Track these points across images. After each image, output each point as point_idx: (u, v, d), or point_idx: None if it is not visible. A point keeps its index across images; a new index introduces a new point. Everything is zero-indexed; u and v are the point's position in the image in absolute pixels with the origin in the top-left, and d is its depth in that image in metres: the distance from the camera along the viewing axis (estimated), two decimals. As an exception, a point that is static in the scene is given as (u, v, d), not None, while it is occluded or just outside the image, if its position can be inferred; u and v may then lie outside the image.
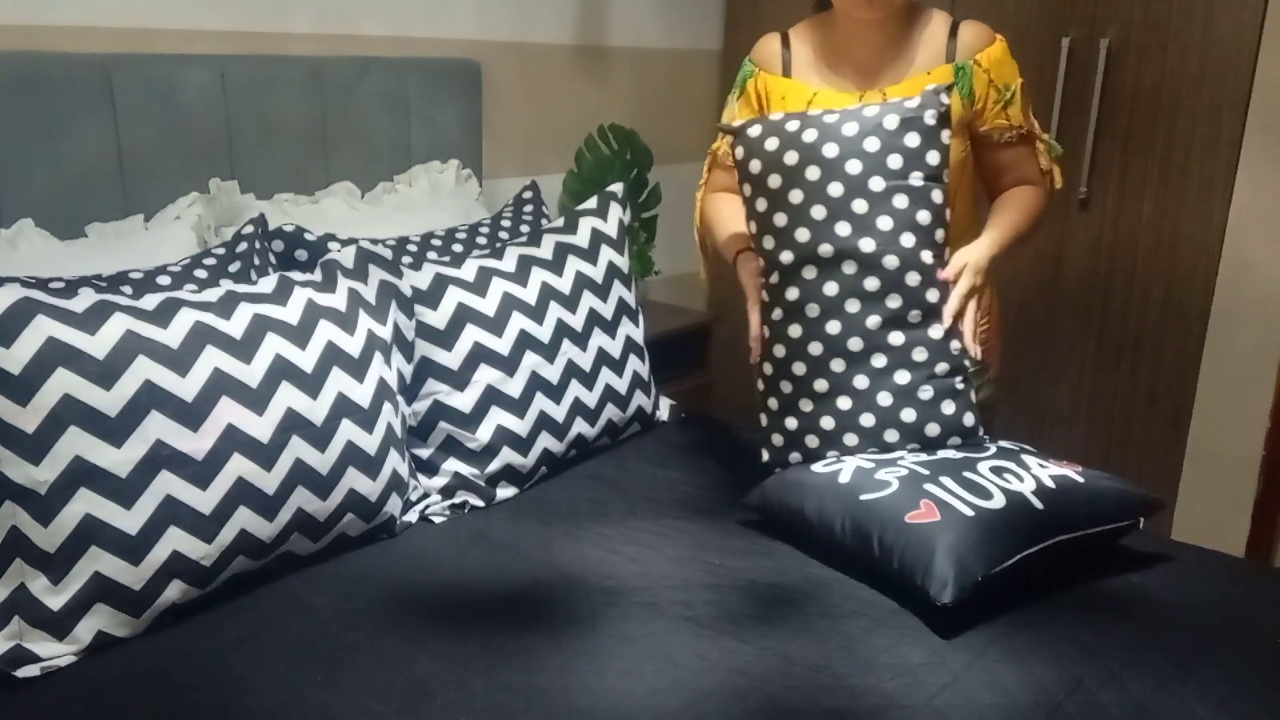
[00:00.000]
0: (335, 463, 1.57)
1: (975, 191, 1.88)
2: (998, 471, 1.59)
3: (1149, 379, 2.66)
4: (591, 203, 2.14)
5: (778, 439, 1.76)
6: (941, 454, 1.67)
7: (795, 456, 1.75)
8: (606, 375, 2.01)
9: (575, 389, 1.94)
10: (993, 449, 1.69)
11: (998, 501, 1.52)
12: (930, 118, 1.65)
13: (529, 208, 2.34)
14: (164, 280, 1.72)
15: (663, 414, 2.22)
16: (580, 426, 1.96)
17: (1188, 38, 2.47)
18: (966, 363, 1.70)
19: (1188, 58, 2.48)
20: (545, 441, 1.89)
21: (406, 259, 1.97)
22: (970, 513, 1.49)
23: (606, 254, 2.07)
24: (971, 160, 1.83)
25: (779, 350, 1.72)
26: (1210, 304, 2.54)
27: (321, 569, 1.58)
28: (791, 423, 1.74)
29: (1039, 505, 1.53)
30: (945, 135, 1.66)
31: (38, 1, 1.86)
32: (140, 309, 1.45)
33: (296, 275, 1.68)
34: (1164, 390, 2.64)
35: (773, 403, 1.75)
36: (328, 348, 1.60)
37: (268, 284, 1.63)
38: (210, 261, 1.81)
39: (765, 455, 1.79)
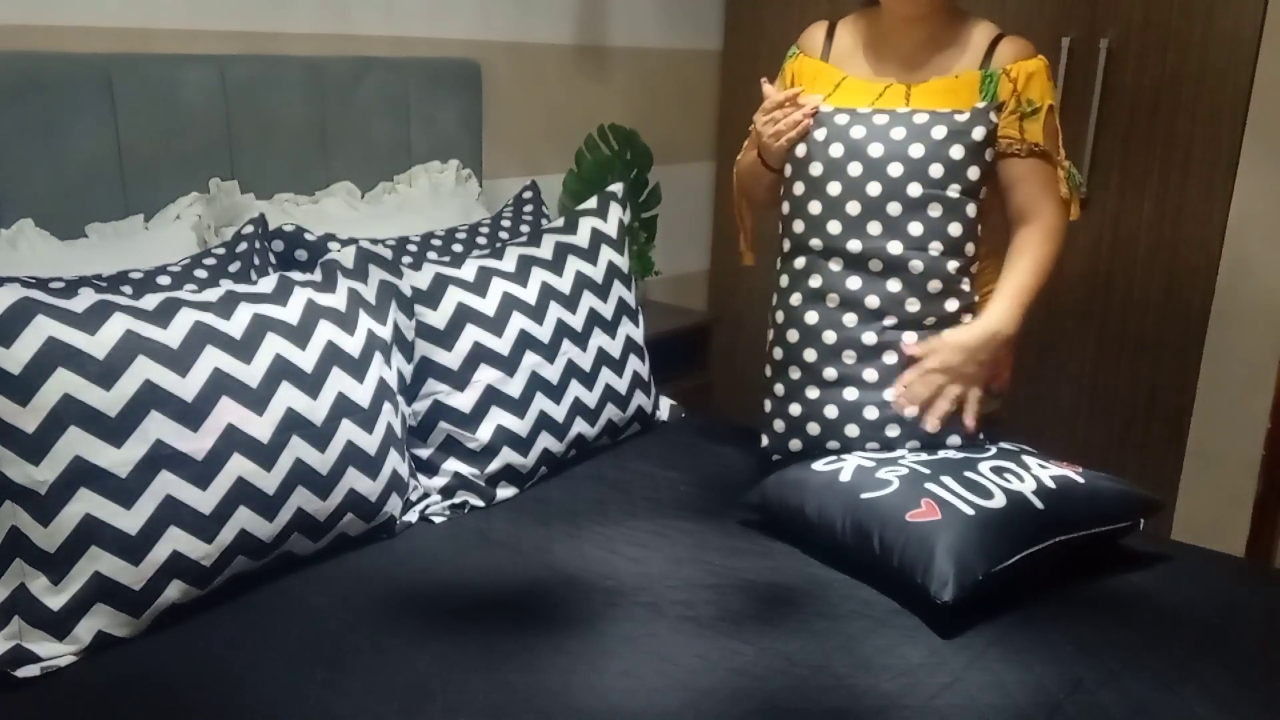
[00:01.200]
0: (335, 463, 1.57)
1: (992, 221, 1.85)
2: (998, 471, 1.59)
3: (1149, 379, 2.66)
4: (591, 203, 2.15)
5: (779, 424, 1.79)
6: (942, 453, 1.67)
7: (795, 444, 1.77)
8: (606, 375, 2.01)
9: (575, 389, 1.94)
10: (993, 449, 1.69)
11: (998, 501, 1.52)
12: (978, 134, 1.68)
13: (529, 208, 2.34)
14: (164, 280, 1.72)
15: (663, 414, 2.22)
16: (580, 426, 1.96)
17: (1188, 38, 2.47)
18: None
19: (1188, 58, 2.48)
20: (545, 441, 1.89)
21: (406, 259, 1.97)
22: (971, 512, 1.49)
23: (606, 254, 2.07)
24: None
25: (792, 335, 1.75)
26: (1210, 304, 2.54)
27: (321, 569, 1.58)
28: (795, 409, 1.76)
29: (1039, 505, 1.53)
30: (989, 154, 1.69)
31: (38, 1, 1.86)
32: (140, 309, 1.45)
33: (296, 275, 1.68)
34: (1164, 390, 2.64)
35: (779, 388, 1.78)
36: (328, 348, 1.60)
37: (268, 284, 1.63)
38: (210, 261, 1.81)
39: (765, 440, 1.81)
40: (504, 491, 1.85)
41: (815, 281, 1.73)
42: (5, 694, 1.28)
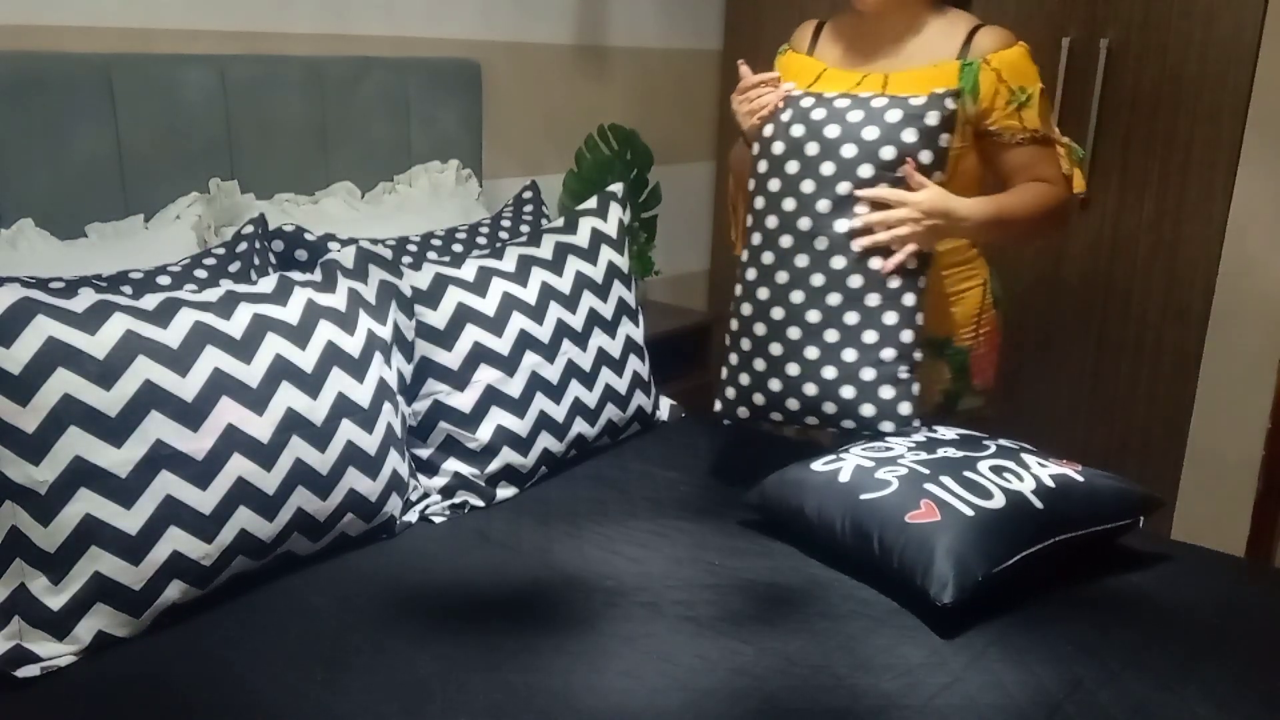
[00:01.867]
0: (335, 463, 1.57)
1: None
2: (998, 471, 1.59)
3: (1149, 379, 2.66)
4: (591, 203, 2.15)
5: (730, 392, 1.85)
6: (941, 452, 1.67)
7: (743, 411, 1.85)
8: (606, 375, 2.01)
9: (575, 389, 1.94)
10: (992, 447, 1.69)
11: (998, 501, 1.52)
12: (932, 118, 1.70)
13: (529, 208, 2.34)
14: (164, 280, 1.72)
15: (663, 414, 2.22)
16: (580, 426, 1.96)
17: (1188, 38, 2.47)
18: (917, 355, 1.75)
19: (1188, 58, 2.48)
20: (545, 441, 1.89)
21: (406, 259, 1.97)
22: (970, 512, 1.49)
23: (606, 254, 2.07)
24: (976, 159, 1.85)
25: (746, 309, 1.81)
26: (1210, 304, 2.54)
27: (321, 569, 1.58)
28: (744, 379, 1.82)
29: (1039, 505, 1.53)
30: (944, 139, 1.71)
31: (38, 1, 1.86)
32: (140, 309, 1.45)
33: (296, 275, 1.68)
34: (1164, 390, 2.64)
35: (732, 358, 1.85)
36: (328, 348, 1.60)
37: (268, 284, 1.63)
38: (210, 261, 1.81)
39: (717, 405, 1.89)
40: (504, 491, 1.85)
41: (768, 258, 1.77)
42: (5, 694, 1.28)
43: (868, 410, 1.73)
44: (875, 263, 1.70)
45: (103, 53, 1.89)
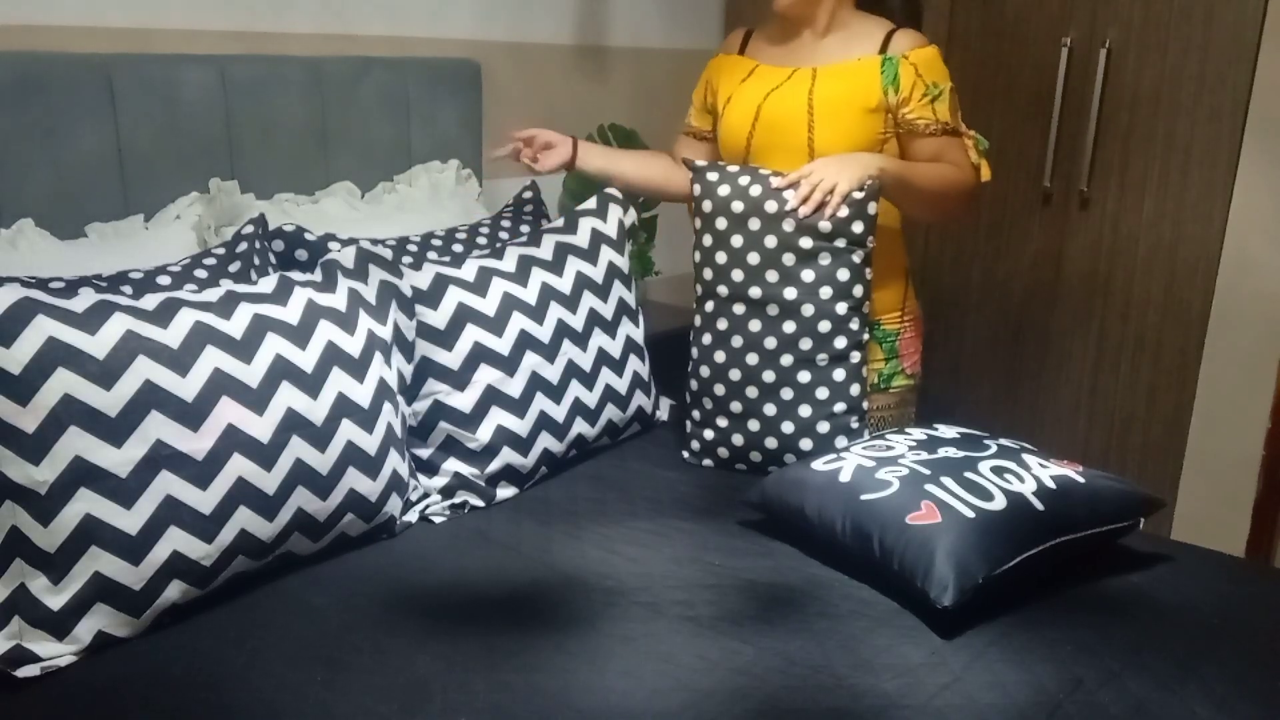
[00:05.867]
0: (335, 463, 1.57)
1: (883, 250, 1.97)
2: (998, 471, 1.59)
3: (1149, 379, 2.66)
4: (591, 203, 2.15)
5: (695, 445, 1.99)
6: (942, 452, 1.67)
7: (709, 462, 1.99)
8: (606, 375, 2.01)
9: (575, 389, 1.94)
10: (993, 447, 1.69)
11: (998, 503, 1.52)
12: (857, 193, 1.82)
13: (529, 208, 2.34)
14: (164, 280, 1.72)
15: (663, 414, 2.22)
16: (580, 426, 1.96)
17: (1188, 38, 2.48)
18: (865, 405, 1.92)
19: (1188, 58, 2.48)
20: (545, 441, 1.89)
21: (406, 259, 1.97)
22: (971, 514, 1.49)
23: (606, 254, 2.07)
24: (896, 146, 1.98)
25: (704, 371, 1.95)
26: (1210, 304, 2.54)
27: (321, 569, 1.58)
28: (708, 434, 1.97)
29: (1039, 506, 1.53)
30: (872, 207, 1.84)
31: (38, 1, 1.86)
32: (140, 309, 1.45)
33: (296, 275, 1.68)
34: (1164, 390, 2.64)
35: (695, 414, 1.98)
36: (328, 348, 1.60)
37: (268, 284, 1.63)
38: (210, 261, 1.81)
39: (685, 454, 2.01)
40: (504, 491, 1.85)
41: (722, 324, 1.91)
42: (5, 694, 1.28)
43: None
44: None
45: (103, 53, 1.89)
